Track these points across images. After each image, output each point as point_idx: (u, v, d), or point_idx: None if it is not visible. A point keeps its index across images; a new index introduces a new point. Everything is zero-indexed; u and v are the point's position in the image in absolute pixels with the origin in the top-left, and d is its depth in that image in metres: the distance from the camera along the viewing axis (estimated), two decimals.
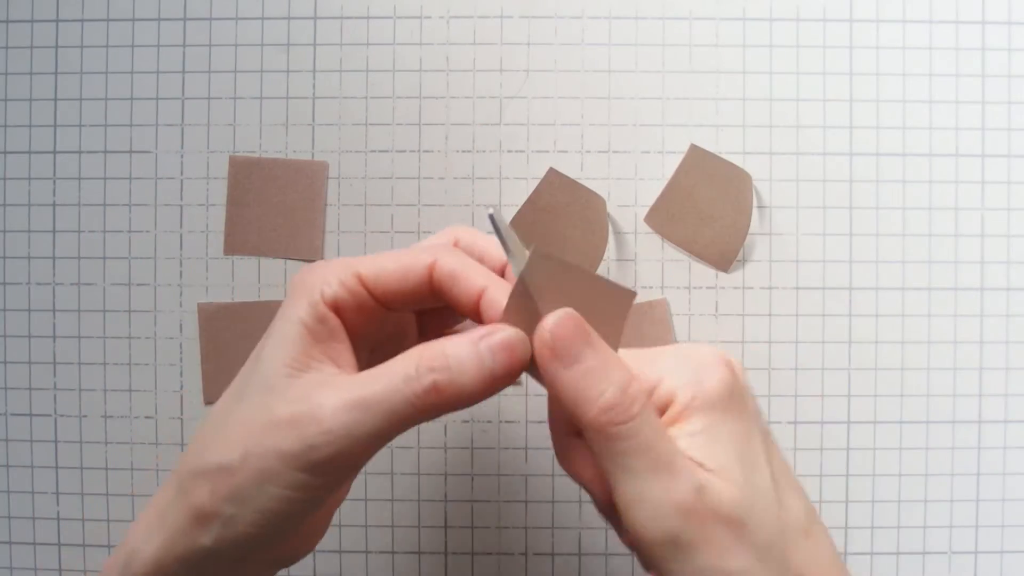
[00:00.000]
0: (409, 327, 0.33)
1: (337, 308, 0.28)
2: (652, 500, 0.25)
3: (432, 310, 0.31)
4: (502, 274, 0.31)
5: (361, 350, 0.30)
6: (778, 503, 0.26)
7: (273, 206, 0.43)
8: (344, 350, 0.29)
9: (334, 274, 0.29)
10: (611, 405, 0.26)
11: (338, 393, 0.27)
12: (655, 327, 0.42)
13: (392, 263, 0.29)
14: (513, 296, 0.27)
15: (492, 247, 0.31)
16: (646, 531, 0.25)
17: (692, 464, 0.26)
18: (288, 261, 0.43)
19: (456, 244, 0.31)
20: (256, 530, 0.27)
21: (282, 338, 0.28)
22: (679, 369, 0.27)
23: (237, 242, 0.43)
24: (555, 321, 0.26)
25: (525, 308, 0.27)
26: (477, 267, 0.29)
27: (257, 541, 0.27)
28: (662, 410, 0.27)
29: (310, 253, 0.43)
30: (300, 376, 0.28)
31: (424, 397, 0.26)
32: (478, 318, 0.28)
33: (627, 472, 0.26)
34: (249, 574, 0.29)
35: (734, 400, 0.27)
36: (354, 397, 0.26)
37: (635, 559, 0.29)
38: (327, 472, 0.27)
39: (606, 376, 0.26)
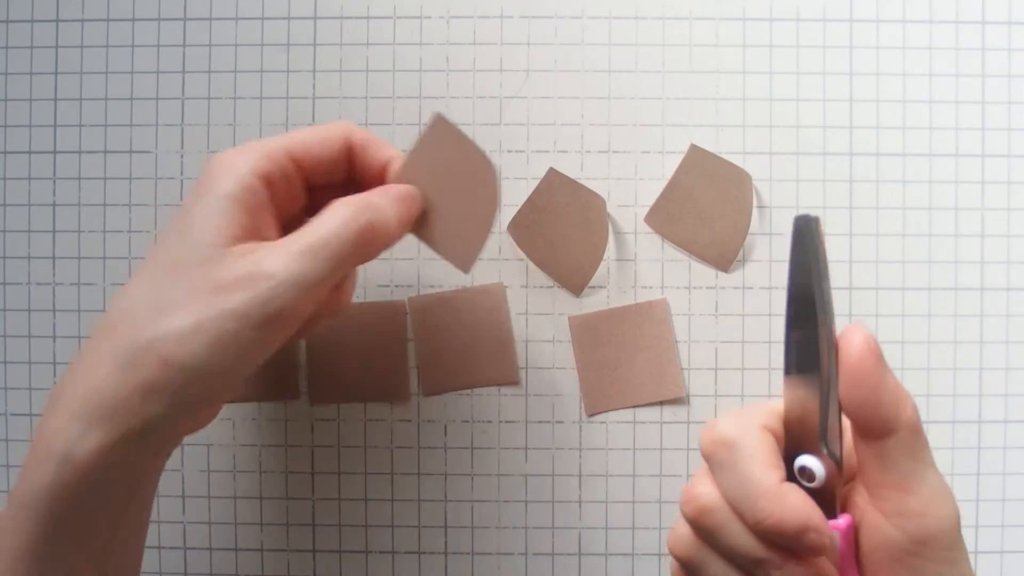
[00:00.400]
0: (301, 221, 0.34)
1: (267, 182, 0.30)
2: (948, 494, 0.26)
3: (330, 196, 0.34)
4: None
5: (280, 229, 0.32)
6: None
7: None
8: (271, 224, 0.31)
9: (259, 150, 0.31)
10: (916, 408, 0.27)
11: (281, 249, 0.29)
12: (655, 327, 0.42)
13: (313, 135, 0.32)
14: (411, 157, 0.34)
15: (383, 144, 0.34)
16: (944, 520, 0.26)
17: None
18: None
19: (349, 140, 0.34)
20: (204, 396, 0.28)
21: (210, 212, 0.29)
22: (941, 505, 0.27)
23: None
24: (857, 345, 0.26)
25: (421, 170, 0.34)
26: (385, 142, 0.34)
27: (201, 407, 0.29)
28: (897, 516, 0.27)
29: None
30: (235, 245, 0.29)
31: (362, 235, 0.30)
32: (379, 179, 0.34)
33: (930, 467, 0.26)
34: (176, 443, 0.31)
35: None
36: (299, 247, 0.29)
37: (635, 560, 0.29)
38: (279, 326, 0.28)
39: (905, 393, 0.27)
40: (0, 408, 0.43)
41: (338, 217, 0.30)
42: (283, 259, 0.28)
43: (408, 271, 0.43)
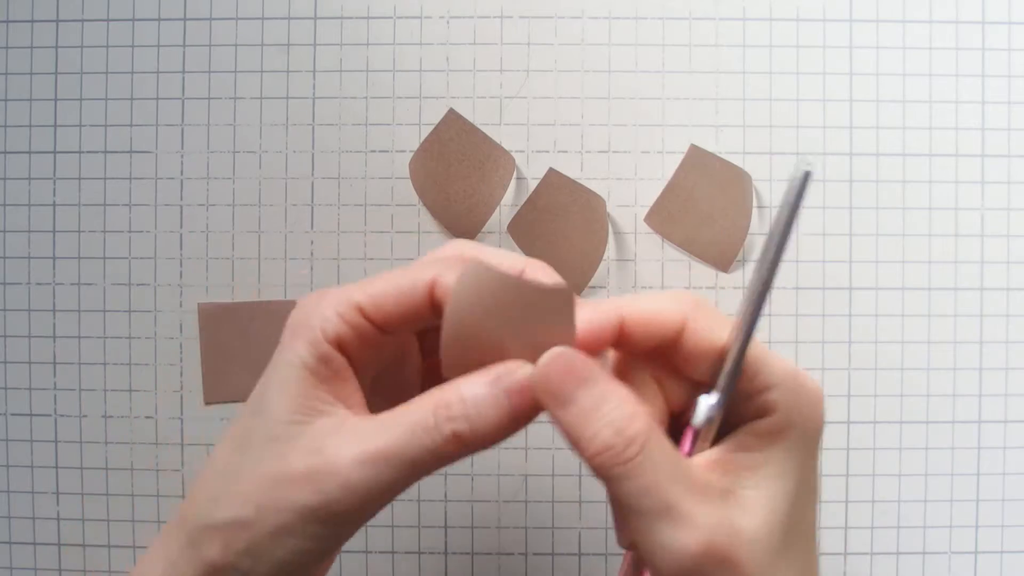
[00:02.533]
0: (411, 346, 0.32)
1: (340, 344, 0.27)
2: (661, 545, 0.24)
3: (435, 327, 0.30)
4: None
5: (364, 379, 0.29)
6: (802, 571, 0.26)
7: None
8: (351, 388, 0.28)
9: (331, 308, 0.27)
10: (606, 447, 0.24)
11: (354, 444, 0.26)
12: None
13: (391, 287, 0.28)
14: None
15: (500, 260, 0.29)
16: (658, 566, 0.25)
17: (707, 502, 0.25)
18: (289, 260, 0.43)
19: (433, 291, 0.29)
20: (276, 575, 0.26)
21: (284, 383, 0.27)
22: (791, 389, 0.26)
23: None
24: (544, 362, 0.25)
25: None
26: None
27: None
28: (758, 413, 0.26)
29: None
30: (310, 423, 0.27)
31: (444, 447, 0.26)
32: None
33: (634, 512, 0.25)
34: None
35: (814, 446, 0.26)
36: (372, 450, 0.25)
37: None
38: (344, 524, 0.26)
39: (600, 416, 0.25)
40: (0, 408, 0.43)
41: (418, 422, 0.26)
42: (353, 459, 0.25)
43: None
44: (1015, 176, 0.43)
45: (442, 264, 0.28)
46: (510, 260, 0.28)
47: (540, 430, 0.43)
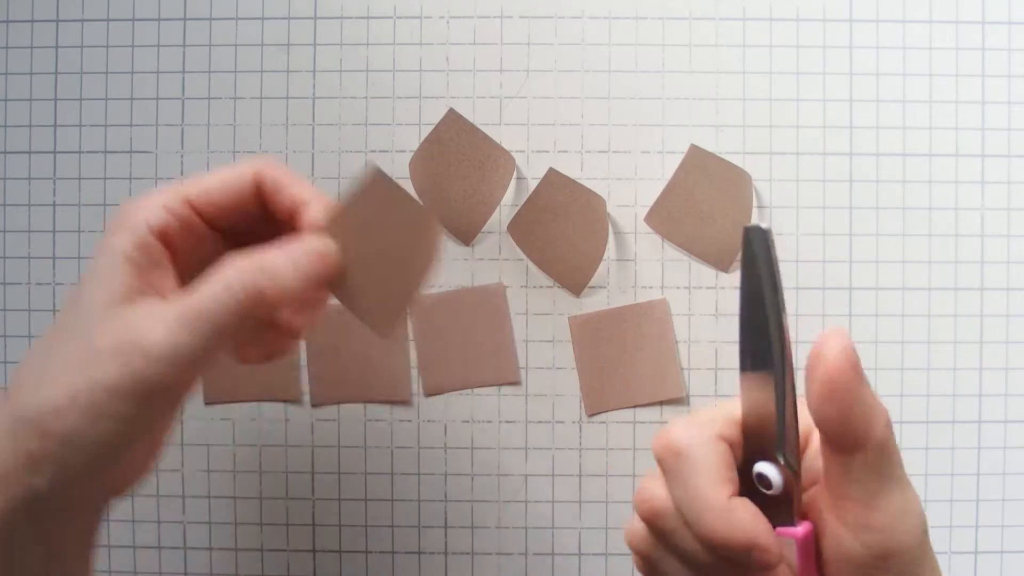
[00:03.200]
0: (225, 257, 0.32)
1: (164, 235, 0.28)
2: (915, 509, 0.25)
3: (246, 238, 0.31)
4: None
5: (187, 278, 0.30)
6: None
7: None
8: (168, 277, 0.29)
9: (159, 200, 0.29)
10: (889, 422, 0.25)
11: (158, 316, 0.26)
12: (655, 327, 0.42)
13: (216, 180, 0.30)
14: (340, 210, 0.29)
15: (298, 183, 0.31)
16: (908, 536, 0.25)
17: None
18: None
19: (259, 178, 0.31)
20: (89, 466, 0.27)
21: (103, 272, 0.28)
22: (901, 514, 0.26)
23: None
24: (834, 356, 0.26)
25: (347, 224, 0.29)
26: (302, 180, 0.30)
27: (90, 477, 0.27)
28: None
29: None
30: (122, 308, 0.27)
31: (248, 302, 0.27)
32: (292, 223, 0.30)
33: (897, 482, 0.25)
34: (82, 509, 0.29)
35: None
36: (174, 314, 0.26)
37: (634, 560, 0.29)
38: (155, 398, 0.27)
39: (876, 406, 0.25)
40: None
41: (222, 282, 0.27)
42: (158, 329, 0.26)
43: None
44: (1015, 176, 0.43)
45: (260, 160, 0.30)
46: (294, 189, 0.30)
47: (539, 430, 0.43)
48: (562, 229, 0.42)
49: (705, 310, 0.43)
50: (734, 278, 0.43)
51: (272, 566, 0.43)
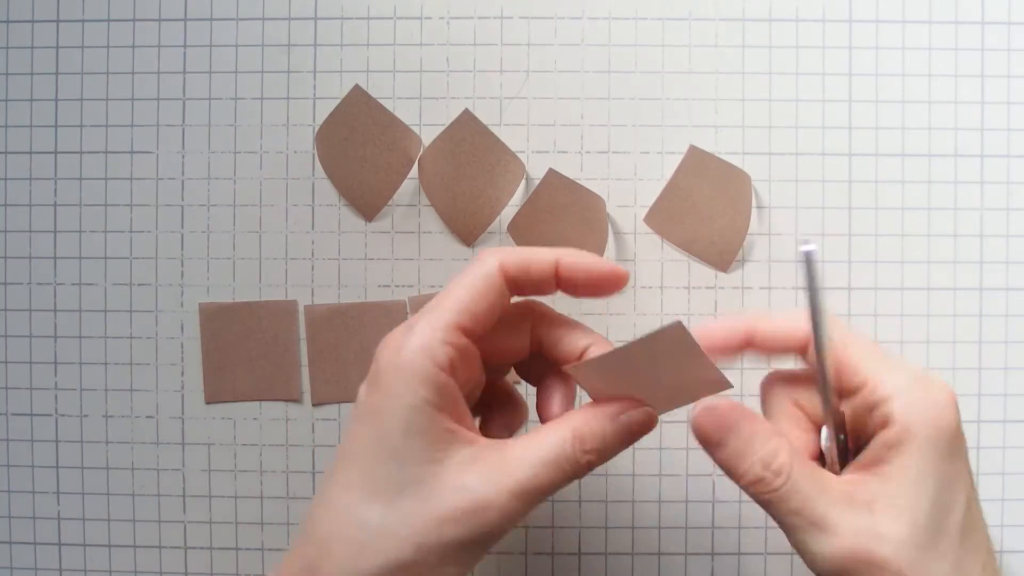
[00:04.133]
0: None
1: (452, 369, 0.29)
2: (814, 553, 0.28)
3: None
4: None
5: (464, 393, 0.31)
6: (955, 564, 0.28)
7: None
8: (464, 409, 0.30)
9: (434, 337, 0.29)
10: (756, 480, 0.29)
11: (503, 480, 0.28)
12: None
13: (473, 294, 0.30)
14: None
15: (542, 263, 0.31)
16: (816, 571, 0.28)
17: (858, 511, 0.28)
18: (289, 260, 0.43)
19: (505, 271, 0.31)
20: None
21: (411, 426, 0.28)
22: (914, 394, 0.28)
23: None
24: (694, 419, 0.30)
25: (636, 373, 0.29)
26: (576, 324, 0.32)
27: None
28: (881, 425, 0.28)
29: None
30: (444, 459, 0.28)
31: (579, 474, 0.29)
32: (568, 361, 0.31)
33: (789, 528, 0.28)
34: None
35: (953, 446, 0.28)
36: (522, 485, 0.28)
37: (634, 559, 0.29)
38: (492, 544, 0.29)
39: (750, 455, 0.29)
40: (1, 408, 0.44)
41: (563, 456, 0.29)
42: (507, 497, 0.28)
43: (409, 271, 0.43)
44: (1014, 176, 0.43)
45: (494, 254, 0.30)
46: (540, 253, 0.31)
47: None
48: (562, 229, 0.42)
49: (704, 310, 0.43)
50: (733, 278, 0.43)
51: (272, 566, 0.43)
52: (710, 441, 0.29)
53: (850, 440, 0.30)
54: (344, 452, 0.29)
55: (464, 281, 0.30)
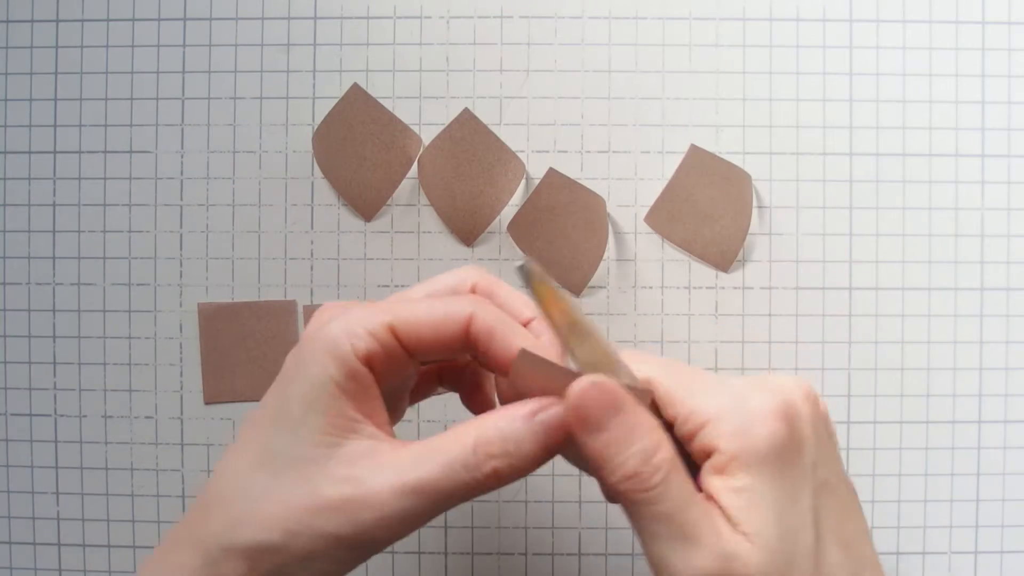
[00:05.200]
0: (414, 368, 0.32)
1: (369, 362, 0.27)
2: (674, 567, 0.25)
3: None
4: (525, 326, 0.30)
5: (384, 399, 0.29)
6: (816, 571, 0.26)
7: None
8: (378, 406, 0.28)
9: (361, 326, 0.27)
10: (632, 474, 0.25)
11: (390, 475, 0.26)
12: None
13: (425, 316, 0.28)
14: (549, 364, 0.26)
15: (512, 298, 0.30)
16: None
17: (721, 529, 0.25)
18: (288, 260, 0.43)
19: (474, 290, 0.30)
20: None
21: (313, 400, 0.27)
22: (729, 415, 0.26)
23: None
24: (579, 390, 0.26)
25: (558, 372, 0.26)
26: (514, 326, 0.28)
27: None
28: (707, 454, 0.26)
29: None
30: (341, 445, 0.27)
31: (484, 482, 0.26)
32: (505, 373, 0.28)
33: (651, 536, 0.26)
34: None
35: (783, 458, 0.26)
36: (409, 483, 0.26)
37: (634, 560, 0.29)
38: (372, 550, 0.27)
39: (630, 444, 0.26)
40: (0, 408, 0.43)
41: (457, 458, 0.26)
42: (389, 490, 0.26)
43: (408, 271, 0.43)
44: (1015, 176, 0.43)
45: (474, 300, 0.28)
46: (520, 303, 0.29)
47: None
48: (562, 229, 0.42)
49: (705, 310, 0.43)
50: (734, 278, 0.43)
51: None
52: (588, 421, 0.26)
53: None
54: (252, 414, 0.28)
55: (427, 303, 0.28)
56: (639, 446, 0.26)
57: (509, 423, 0.26)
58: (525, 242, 0.42)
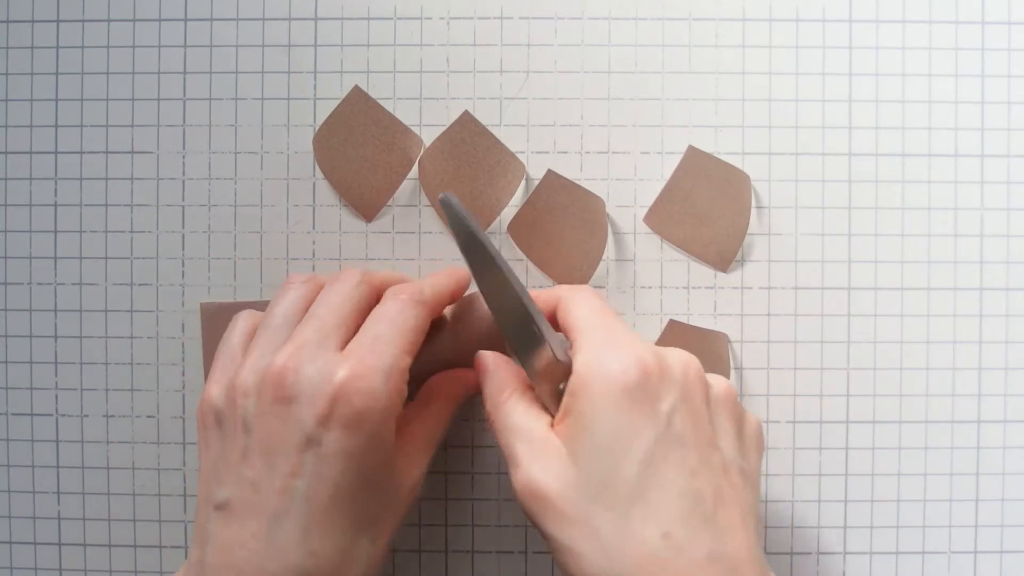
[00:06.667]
0: None
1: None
2: (511, 484, 0.31)
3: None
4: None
5: None
6: (621, 521, 0.28)
7: None
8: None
9: (386, 383, 0.32)
10: (487, 399, 0.34)
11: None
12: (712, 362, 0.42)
13: (411, 339, 0.34)
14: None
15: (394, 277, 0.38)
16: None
17: (536, 452, 0.31)
18: (290, 261, 0.43)
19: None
20: None
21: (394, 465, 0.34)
22: (595, 353, 0.31)
23: None
24: (481, 361, 0.36)
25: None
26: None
27: None
28: (568, 376, 0.32)
29: None
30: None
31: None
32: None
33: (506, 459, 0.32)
34: None
35: (627, 397, 0.29)
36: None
37: None
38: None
39: (493, 385, 0.34)
40: (1, 408, 0.44)
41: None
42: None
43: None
44: (1015, 176, 0.43)
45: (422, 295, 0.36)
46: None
47: None
48: (561, 229, 0.42)
49: (704, 310, 0.43)
50: (733, 278, 0.43)
51: None
52: (484, 368, 0.35)
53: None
54: (321, 493, 0.31)
55: (412, 325, 0.34)
56: (494, 385, 0.34)
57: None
58: (525, 242, 0.42)
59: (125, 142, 0.43)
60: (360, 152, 0.42)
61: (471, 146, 0.42)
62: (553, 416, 0.32)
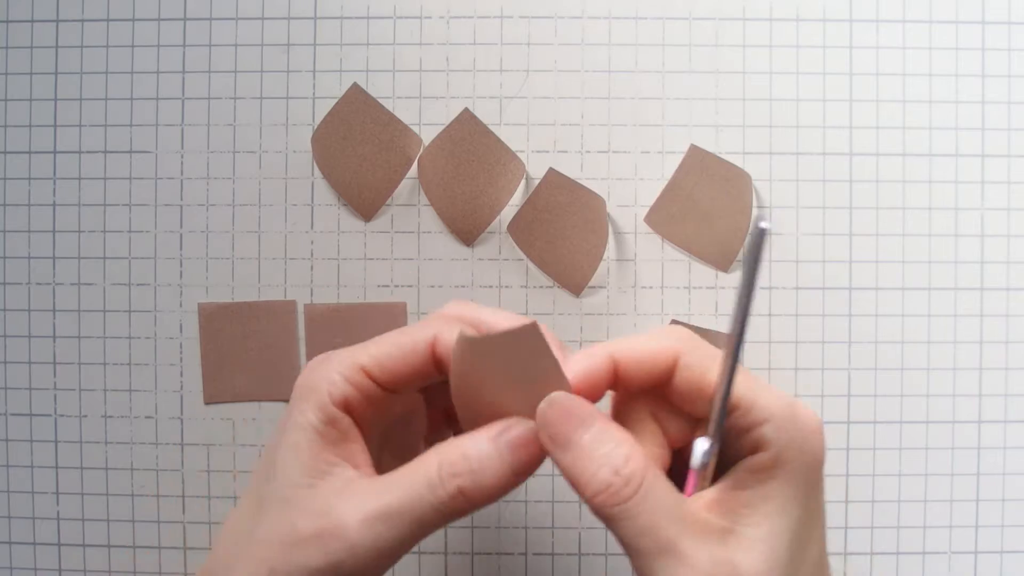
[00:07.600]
0: (417, 403, 0.32)
1: (347, 405, 0.28)
2: None
3: (439, 384, 0.30)
4: None
5: (373, 439, 0.30)
6: None
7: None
8: (358, 448, 0.29)
9: (337, 371, 0.28)
10: (605, 486, 0.25)
11: (360, 504, 0.26)
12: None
13: (393, 348, 0.29)
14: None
15: (497, 318, 0.30)
16: None
17: (706, 541, 0.25)
18: (288, 260, 0.43)
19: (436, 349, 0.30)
20: None
21: (294, 446, 0.28)
22: (786, 422, 0.26)
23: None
24: (544, 407, 0.26)
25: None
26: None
27: None
28: (752, 450, 0.26)
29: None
30: (318, 484, 0.27)
31: (450, 503, 0.26)
32: None
33: (636, 552, 0.25)
34: None
35: (819, 479, 0.26)
36: (377, 509, 0.26)
37: None
38: None
39: (598, 457, 0.25)
40: (0, 408, 0.43)
41: (421, 479, 0.26)
42: (358, 519, 0.26)
43: (408, 271, 0.43)
44: (1015, 176, 0.43)
45: (441, 322, 0.29)
46: (503, 318, 0.29)
47: None
48: (562, 229, 0.42)
49: (705, 310, 0.43)
50: (734, 278, 0.43)
51: None
52: (555, 439, 0.26)
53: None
54: (254, 465, 0.30)
55: (396, 334, 0.29)
56: (608, 458, 0.25)
57: (473, 443, 0.27)
58: (525, 242, 0.42)
59: (123, 142, 0.43)
60: (359, 151, 0.42)
61: (471, 145, 0.42)
62: (707, 481, 0.27)
